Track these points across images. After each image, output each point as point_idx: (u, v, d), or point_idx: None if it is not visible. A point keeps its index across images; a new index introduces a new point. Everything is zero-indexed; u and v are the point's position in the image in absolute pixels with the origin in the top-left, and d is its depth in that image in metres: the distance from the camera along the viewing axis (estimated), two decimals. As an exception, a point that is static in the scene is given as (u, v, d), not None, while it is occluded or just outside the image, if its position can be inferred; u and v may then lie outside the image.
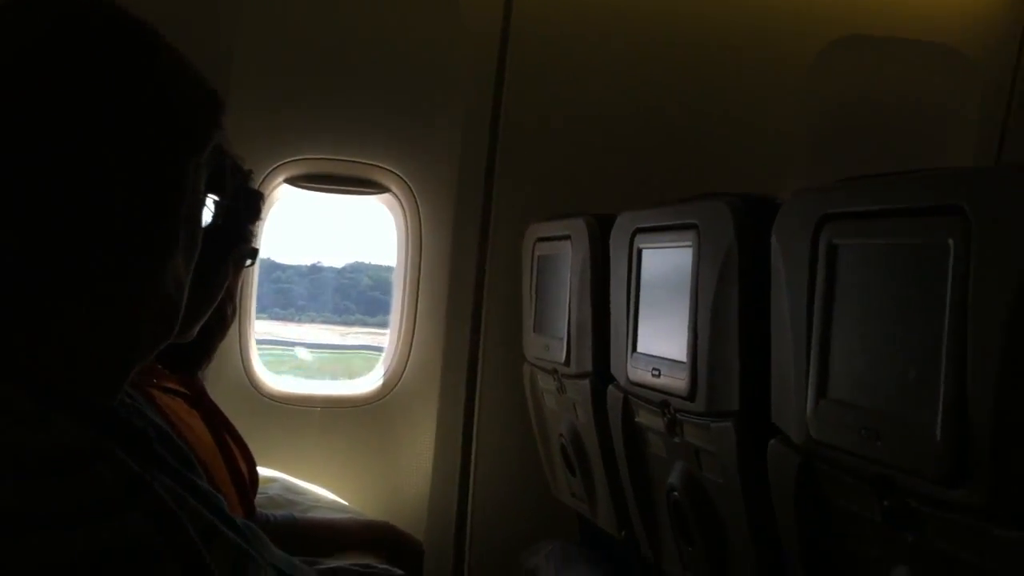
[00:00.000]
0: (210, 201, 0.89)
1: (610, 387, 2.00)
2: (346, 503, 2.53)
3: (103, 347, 0.80)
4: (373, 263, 4.56)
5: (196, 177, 0.84)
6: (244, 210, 1.43)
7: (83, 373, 0.79)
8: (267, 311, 3.36)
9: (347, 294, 4.52)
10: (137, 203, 0.78)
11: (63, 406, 0.74)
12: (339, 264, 4.45)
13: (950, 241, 1.04)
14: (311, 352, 3.93)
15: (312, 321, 4.17)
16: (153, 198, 0.79)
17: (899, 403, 1.13)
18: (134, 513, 0.68)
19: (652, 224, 1.84)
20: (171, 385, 1.73)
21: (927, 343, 1.07)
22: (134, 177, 0.78)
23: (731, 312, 1.53)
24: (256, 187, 2.33)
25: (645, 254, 1.85)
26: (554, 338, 2.30)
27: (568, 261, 2.21)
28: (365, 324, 4.56)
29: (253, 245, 1.70)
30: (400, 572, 1.86)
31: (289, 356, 3.61)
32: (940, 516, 1.11)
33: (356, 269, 4.60)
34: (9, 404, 0.71)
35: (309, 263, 4.21)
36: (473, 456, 2.73)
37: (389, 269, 4.76)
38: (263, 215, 2.29)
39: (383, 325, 4.61)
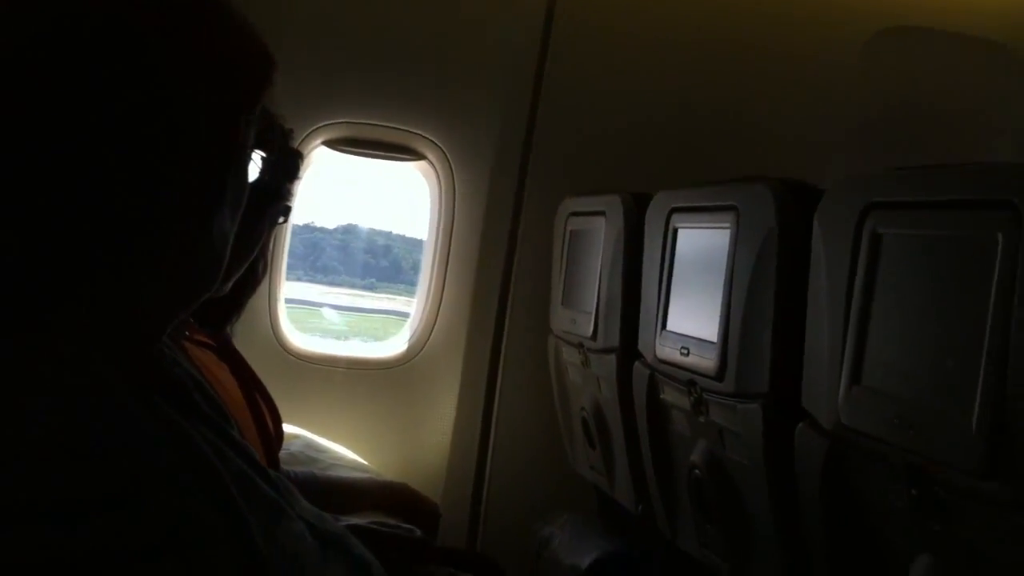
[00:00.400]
0: (256, 157, 0.90)
1: (636, 363, 2.01)
2: (366, 463, 2.56)
3: (147, 296, 0.80)
4: (368, 226, 4.57)
5: (246, 132, 0.84)
6: (284, 168, 1.44)
7: (126, 321, 0.79)
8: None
9: (336, 255, 4.52)
10: (187, 154, 0.79)
11: (103, 354, 0.75)
12: (331, 225, 4.46)
13: (999, 235, 1.04)
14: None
15: (298, 279, 4.18)
16: (204, 151, 0.80)
17: (935, 393, 1.14)
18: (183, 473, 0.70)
19: (690, 204, 1.84)
20: (201, 338, 1.75)
21: (968, 335, 1.07)
22: (186, 128, 0.78)
23: (766, 295, 1.53)
24: (295, 147, 2.33)
25: (681, 233, 1.85)
26: (582, 312, 2.31)
27: (601, 237, 2.22)
28: (352, 286, 4.57)
29: (289, 203, 1.72)
30: (417, 531, 1.88)
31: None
32: (969, 507, 1.11)
33: (348, 231, 4.60)
34: (53, 352, 0.71)
35: (303, 222, 4.21)
36: (494, 424, 2.75)
37: (384, 234, 4.77)
38: (301, 175, 2.30)
39: (371, 288, 4.62)
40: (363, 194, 3.55)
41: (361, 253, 4.67)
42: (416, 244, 4.94)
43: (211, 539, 0.71)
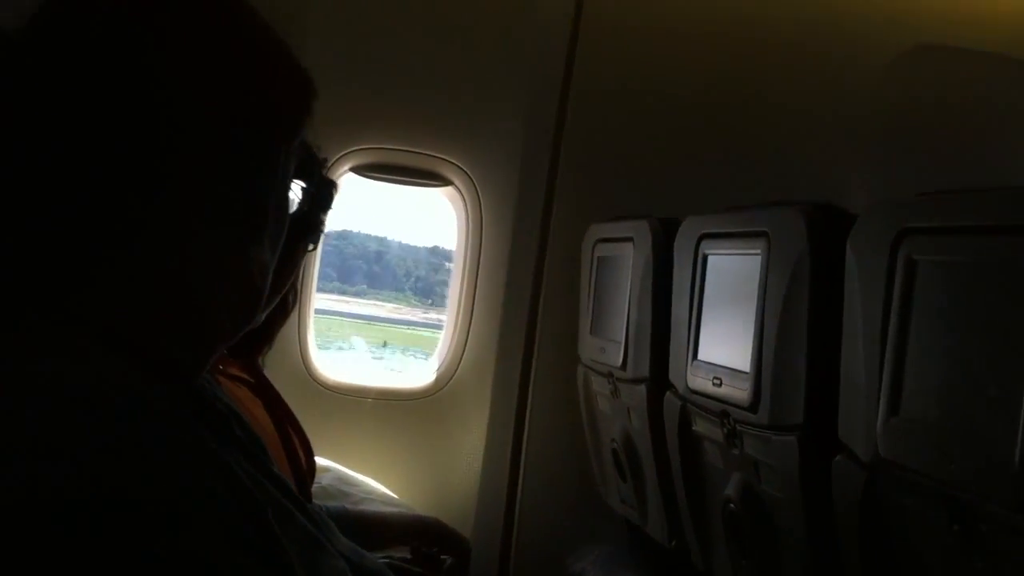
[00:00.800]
0: (296, 188, 0.89)
1: (667, 394, 1.97)
2: (396, 496, 2.54)
3: (189, 328, 0.79)
4: (361, 232, 4.58)
5: (286, 163, 0.83)
6: (319, 199, 1.43)
7: (167, 353, 0.78)
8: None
9: (328, 260, 4.56)
10: (228, 186, 0.78)
11: (148, 385, 0.74)
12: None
13: (1038, 262, 1.01)
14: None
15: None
16: (244, 182, 0.79)
17: (976, 425, 1.10)
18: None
19: (720, 230, 1.81)
20: (235, 372, 1.74)
21: (1009, 365, 1.03)
22: (227, 159, 0.77)
23: (800, 323, 1.49)
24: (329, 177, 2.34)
25: (711, 260, 1.82)
26: (611, 341, 2.27)
27: (629, 263, 2.19)
28: (343, 292, 4.57)
29: (321, 232, 1.71)
30: (449, 559, 1.84)
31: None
32: (1014, 543, 1.07)
33: (341, 236, 4.62)
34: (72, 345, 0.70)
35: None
36: (523, 456, 2.71)
37: (376, 239, 4.78)
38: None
39: (360, 295, 4.61)
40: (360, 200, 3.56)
41: (353, 259, 4.69)
42: (410, 251, 5.01)
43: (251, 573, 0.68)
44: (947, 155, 2.62)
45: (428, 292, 5.50)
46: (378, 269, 5.05)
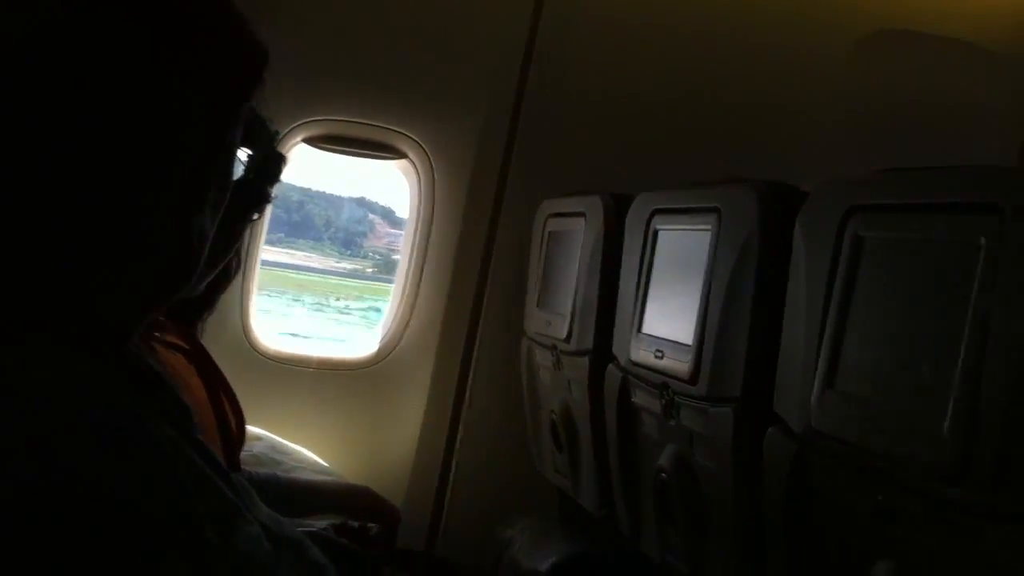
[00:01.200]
0: (242, 155, 0.88)
1: (609, 366, 1.99)
2: (327, 465, 2.53)
3: (120, 293, 0.79)
4: (285, 181, 4.60)
5: (233, 130, 0.83)
6: (266, 171, 1.43)
7: (98, 317, 0.78)
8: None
9: None
10: (171, 150, 0.77)
11: (81, 350, 0.73)
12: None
13: (982, 240, 1.04)
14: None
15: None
16: (188, 147, 0.78)
17: (908, 399, 1.13)
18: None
19: (672, 206, 1.83)
20: (171, 339, 1.72)
21: (945, 341, 1.06)
22: (171, 124, 0.77)
23: (745, 298, 1.52)
24: (278, 148, 2.31)
25: (661, 235, 1.84)
26: (557, 314, 2.30)
27: (580, 238, 2.21)
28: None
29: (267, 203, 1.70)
30: (375, 527, 1.85)
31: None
32: (934, 513, 1.11)
33: None
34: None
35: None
36: (461, 426, 2.72)
37: (301, 191, 4.78)
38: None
39: (276, 243, 4.65)
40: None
41: (273, 207, 4.72)
42: (332, 201, 5.03)
43: (168, 539, 0.69)
44: (908, 143, 2.66)
45: (348, 243, 5.51)
46: (298, 219, 5.06)
